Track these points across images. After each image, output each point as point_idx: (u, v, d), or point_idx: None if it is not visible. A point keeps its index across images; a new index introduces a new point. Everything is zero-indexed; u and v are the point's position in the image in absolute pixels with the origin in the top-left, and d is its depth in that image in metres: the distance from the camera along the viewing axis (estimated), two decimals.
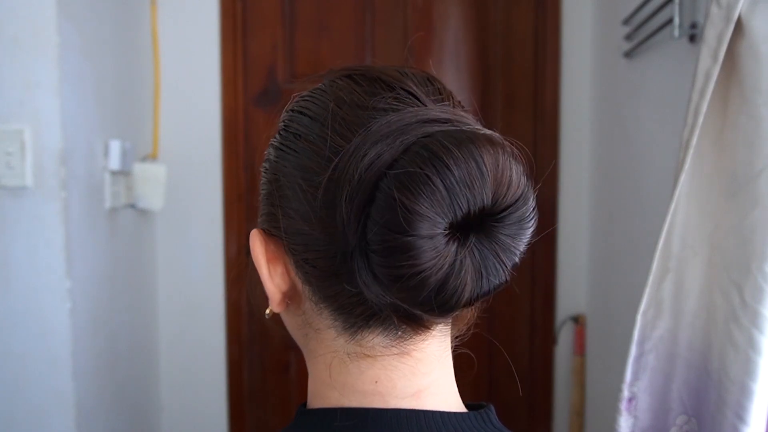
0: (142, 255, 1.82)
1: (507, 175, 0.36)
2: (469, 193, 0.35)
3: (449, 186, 0.35)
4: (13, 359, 1.34)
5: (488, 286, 0.38)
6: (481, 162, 0.35)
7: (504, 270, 0.38)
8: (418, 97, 0.40)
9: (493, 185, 0.36)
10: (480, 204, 0.36)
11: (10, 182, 1.30)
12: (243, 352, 1.94)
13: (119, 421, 1.63)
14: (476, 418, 0.43)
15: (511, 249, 0.38)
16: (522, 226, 0.38)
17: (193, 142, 1.88)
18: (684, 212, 0.84)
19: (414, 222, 0.34)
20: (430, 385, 0.43)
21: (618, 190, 1.58)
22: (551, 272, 1.89)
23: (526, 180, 0.38)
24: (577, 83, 1.85)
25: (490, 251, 0.37)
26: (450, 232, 0.36)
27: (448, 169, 0.35)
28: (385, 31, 1.88)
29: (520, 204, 0.38)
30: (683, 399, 0.86)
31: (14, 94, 1.29)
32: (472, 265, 0.37)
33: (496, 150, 0.36)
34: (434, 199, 0.35)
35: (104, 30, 1.56)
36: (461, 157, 0.35)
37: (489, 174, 0.36)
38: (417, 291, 0.36)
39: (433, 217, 0.35)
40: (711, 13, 0.77)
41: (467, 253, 0.36)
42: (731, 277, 0.76)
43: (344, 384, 0.43)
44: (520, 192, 0.37)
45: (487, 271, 0.37)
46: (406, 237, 0.35)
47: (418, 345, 0.42)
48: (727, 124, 0.79)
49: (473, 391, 1.91)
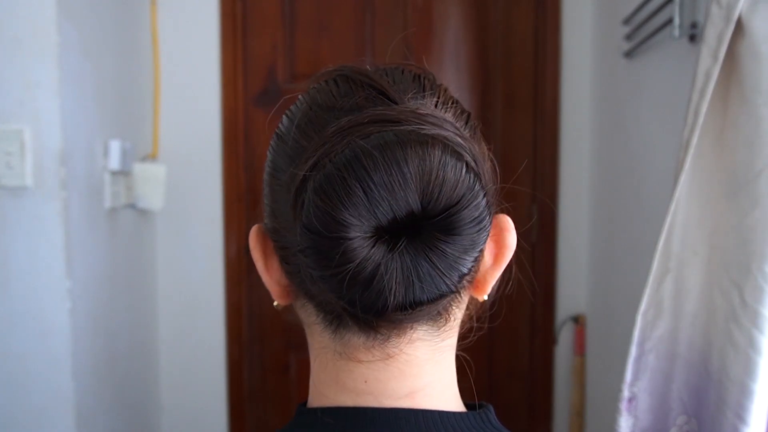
0: (142, 255, 1.82)
1: (438, 178, 0.35)
2: (390, 196, 0.35)
3: (367, 189, 0.34)
4: (13, 359, 1.34)
5: (424, 293, 0.36)
6: (404, 165, 0.34)
7: (443, 278, 0.36)
8: (389, 95, 0.40)
9: (418, 189, 0.35)
10: (406, 208, 0.35)
11: (10, 182, 1.30)
12: (243, 352, 1.94)
13: (119, 421, 1.63)
14: (475, 418, 0.43)
15: (450, 257, 0.36)
16: (464, 231, 0.36)
17: (193, 142, 1.88)
18: (684, 212, 0.84)
19: (330, 225, 0.35)
20: (424, 386, 0.42)
21: (618, 190, 1.58)
22: (551, 272, 1.89)
23: (470, 182, 0.36)
24: (577, 83, 1.85)
25: (423, 258, 0.36)
26: (377, 236, 0.35)
27: (366, 173, 0.34)
28: (385, 31, 1.88)
29: (456, 209, 0.36)
30: (683, 399, 0.86)
31: (14, 94, 1.29)
32: (400, 270, 0.36)
33: (427, 153, 0.35)
34: (350, 203, 0.34)
35: (104, 30, 1.56)
36: (382, 161, 0.35)
37: (413, 178, 0.35)
38: (342, 292, 0.36)
39: (349, 220, 0.35)
40: (711, 13, 0.77)
41: (396, 257, 0.36)
42: (731, 277, 0.76)
43: (337, 381, 0.43)
44: (455, 196, 0.35)
45: (419, 278, 0.36)
46: (324, 239, 0.35)
47: (403, 348, 0.42)
48: (727, 124, 0.79)
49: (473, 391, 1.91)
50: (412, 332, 0.42)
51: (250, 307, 1.94)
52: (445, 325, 0.43)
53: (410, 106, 0.38)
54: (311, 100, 0.42)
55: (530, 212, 1.88)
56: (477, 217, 0.36)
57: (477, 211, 0.36)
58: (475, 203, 0.36)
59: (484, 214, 0.37)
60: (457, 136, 0.37)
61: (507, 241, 0.43)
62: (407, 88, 0.41)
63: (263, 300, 1.94)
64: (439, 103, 0.41)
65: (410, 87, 0.41)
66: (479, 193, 0.36)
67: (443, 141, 0.36)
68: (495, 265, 0.44)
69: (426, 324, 0.42)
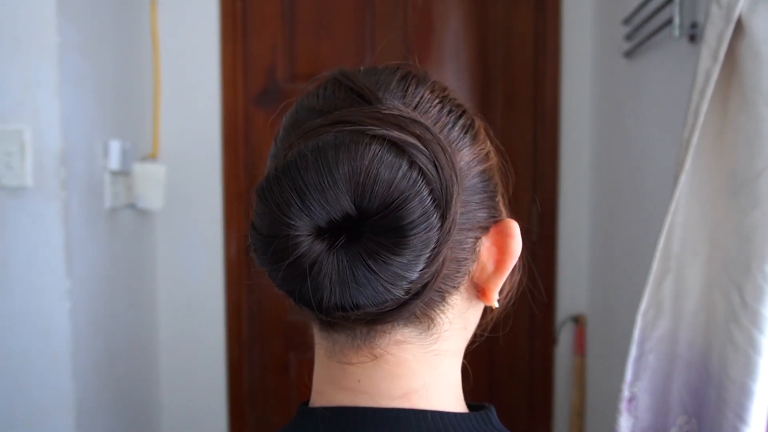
0: (142, 255, 1.82)
1: (369, 178, 0.35)
2: (321, 198, 0.35)
3: (300, 192, 0.35)
4: (13, 359, 1.34)
5: (362, 295, 0.36)
6: (335, 167, 0.35)
7: (382, 283, 0.36)
8: (365, 97, 0.40)
9: (349, 190, 0.35)
10: (340, 209, 0.35)
11: (10, 182, 1.30)
12: (243, 352, 1.94)
13: (119, 421, 1.63)
14: (477, 419, 0.43)
15: (388, 261, 0.35)
16: (402, 233, 0.35)
17: (193, 142, 1.88)
18: (684, 212, 0.84)
19: (269, 225, 0.36)
20: (420, 389, 0.42)
21: (618, 190, 1.58)
22: (551, 272, 1.89)
23: (409, 182, 0.35)
24: (577, 83, 1.85)
25: (359, 260, 0.35)
26: (317, 234, 0.36)
27: (299, 175, 0.35)
28: (385, 31, 1.88)
29: (390, 211, 0.35)
30: (683, 399, 0.86)
31: (14, 94, 1.29)
32: (336, 270, 0.35)
33: (360, 153, 0.35)
34: (285, 204, 0.35)
35: (104, 30, 1.56)
36: (314, 163, 0.35)
37: (342, 179, 0.35)
38: (286, 287, 0.37)
39: (284, 220, 0.35)
40: (711, 13, 0.77)
41: (333, 256, 0.36)
42: (731, 277, 0.76)
43: (333, 380, 0.43)
44: (391, 195, 0.35)
45: (355, 279, 0.35)
46: (265, 237, 0.37)
47: (389, 349, 0.42)
48: (727, 124, 0.79)
49: (473, 391, 1.91)
50: (391, 334, 0.41)
51: (250, 307, 1.94)
52: (431, 329, 0.42)
53: (379, 107, 0.38)
54: (299, 103, 0.44)
55: (530, 212, 1.87)
56: (417, 218, 0.35)
57: (416, 212, 0.35)
58: (413, 203, 0.35)
59: (429, 214, 0.35)
60: (414, 135, 0.36)
61: (510, 248, 0.42)
62: (389, 89, 0.41)
63: (263, 300, 1.94)
64: (422, 102, 0.41)
65: (394, 87, 0.41)
66: (422, 193, 0.35)
67: (383, 140, 0.35)
68: (497, 272, 0.43)
69: (407, 327, 0.41)
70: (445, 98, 0.43)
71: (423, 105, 0.41)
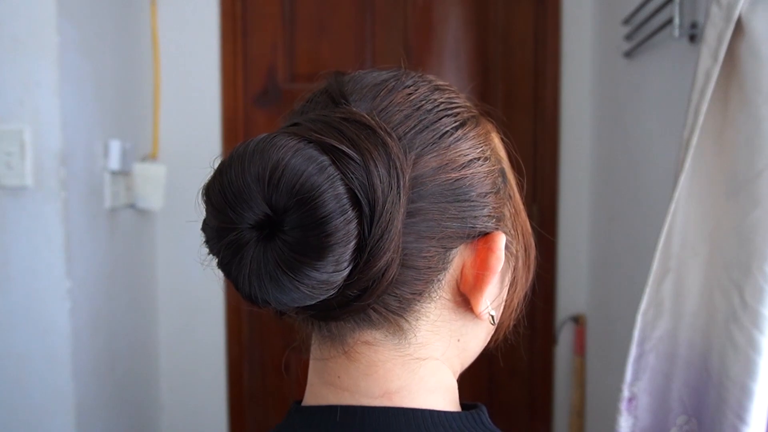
0: (142, 255, 1.82)
1: (276, 178, 0.35)
2: (239, 198, 0.36)
3: (222, 193, 0.37)
4: (13, 359, 1.34)
5: (278, 292, 0.36)
6: (248, 167, 0.36)
7: (291, 282, 0.36)
8: (335, 99, 0.41)
9: (261, 189, 0.36)
10: (258, 208, 0.36)
11: (10, 182, 1.30)
12: (243, 352, 1.94)
13: (119, 420, 1.63)
14: (467, 418, 0.43)
15: (296, 262, 0.35)
16: (306, 233, 0.35)
17: (193, 142, 1.88)
18: (684, 212, 0.84)
19: (207, 219, 0.40)
20: (400, 389, 0.42)
21: (618, 190, 1.58)
22: (551, 272, 1.88)
23: (317, 181, 0.35)
24: (577, 83, 1.85)
25: (272, 258, 0.36)
26: (255, 226, 0.37)
27: (222, 177, 0.38)
28: (385, 31, 1.88)
29: (294, 207, 0.35)
30: (683, 399, 0.86)
31: (14, 94, 1.29)
32: (255, 264, 0.37)
33: (270, 154, 0.36)
34: (213, 203, 0.38)
35: (104, 30, 1.56)
36: (233, 163, 0.37)
37: (254, 179, 0.36)
38: (223, 271, 0.40)
39: (215, 213, 0.38)
40: (711, 13, 0.77)
41: (253, 249, 0.37)
42: (731, 277, 0.76)
43: (320, 374, 0.44)
44: (295, 195, 0.35)
45: (268, 275, 0.36)
46: (206, 230, 0.40)
47: (361, 351, 0.42)
48: (727, 124, 0.79)
49: (474, 392, 1.91)
50: (358, 335, 0.42)
51: (250, 307, 1.94)
52: (400, 333, 0.42)
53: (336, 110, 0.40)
54: (295, 104, 0.46)
55: (530, 212, 1.87)
56: (326, 217, 0.35)
57: (325, 210, 0.35)
58: (322, 200, 0.35)
59: (345, 213, 0.35)
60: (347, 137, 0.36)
61: (488, 262, 0.42)
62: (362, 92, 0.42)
63: None
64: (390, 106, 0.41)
65: (368, 92, 0.42)
66: (334, 188, 0.35)
67: (302, 139, 0.36)
68: (476, 286, 0.42)
69: (374, 329, 0.42)
70: (427, 101, 0.42)
71: (389, 109, 0.41)
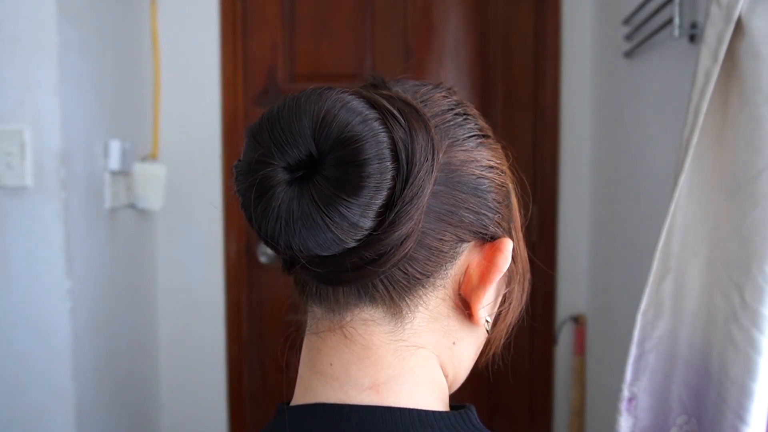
0: (142, 255, 1.82)
1: (328, 116, 0.37)
2: (289, 133, 0.37)
3: (271, 129, 0.38)
4: (13, 359, 1.34)
5: (306, 232, 0.37)
6: (304, 106, 0.38)
7: (323, 218, 0.36)
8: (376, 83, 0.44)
9: (311, 128, 0.37)
10: (304, 146, 0.37)
11: (10, 182, 1.30)
12: (243, 351, 1.94)
13: (119, 420, 1.63)
14: (455, 418, 0.43)
15: (335, 196, 0.36)
16: (345, 171, 0.36)
17: (193, 142, 1.88)
18: (684, 212, 0.84)
19: (247, 155, 0.39)
20: (388, 380, 0.42)
21: (618, 190, 1.58)
22: (551, 272, 1.89)
23: (369, 128, 0.37)
24: (577, 83, 1.85)
25: (307, 193, 0.37)
26: (286, 168, 0.38)
27: (275, 117, 0.39)
28: (385, 31, 1.88)
29: (339, 146, 0.37)
30: (683, 399, 0.86)
31: (14, 94, 1.29)
32: (286, 201, 0.37)
33: (323, 99, 0.38)
34: (258, 140, 0.39)
35: (104, 30, 1.56)
36: (288, 104, 0.39)
37: (308, 117, 0.37)
38: (247, 212, 0.39)
39: (260, 150, 0.38)
40: (711, 13, 0.77)
41: (286, 188, 0.37)
42: (731, 277, 0.76)
43: (311, 362, 0.44)
44: (346, 134, 0.36)
45: (301, 213, 0.37)
46: (239, 172, 0.40)
47: (358, 328, 0.42)
48: (727, 124, 0.79)
49: (474, 392, 1.91)
50: (359, 311, 0.42)
51: (250, 307, 1.94)
52: (398, 316, 0.43)
53: (384, 90, 0.42)
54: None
55: (530, 212, 1.87)
56: (370, 158, 0.36)
57: (370, 153, 0.36)
58: (368, 145, 0.36)
59: (384, 162, 0.37)
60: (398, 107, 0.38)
61: (496, 260, 0.43)
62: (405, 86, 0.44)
63: (263, 300, 1.94)
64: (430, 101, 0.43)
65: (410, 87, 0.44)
66: (379, 137, 0.37)
67: (357, 94, 0.38)
68: (480, 284, 0.43)
69: (374, 307, 0.42)
70: (459, 107, 0.45)
71: (429, 102, 0.43)
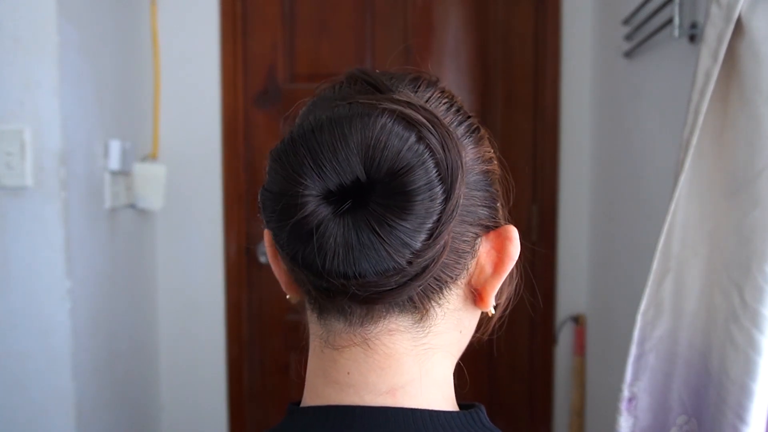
0: (142, 255, 1.82)
1: (380, 143, 0.36)
2: (334, 159, 0.36)
3: (314, 153, 0.36)
4: (14, 359, 1.34)
5: (367, 262, 0.36)
6: (348, 131, 0.36)
7: (385, 247, 0.36)
8: (380, 88, 0.42)
9: (360, 153, 0.36)
10: (350, 172, 0.36)
11: (10, 182, 1.30)
12: (243, 351, 1.94)
13: (119, 420, 1.63)
14: (466, 418, 0.43)
15: (393, 224, 0.36)
16: (408, 198, 0.36)
17: (193, 142, 1.88)
18: (684, 212, 0.84)
19: (280, 183, 0.38)
20: (405, 384, 0.42)
21: (618, 190, 1.58)
22: (551, 272, 1.89)
23: (418, 149, 0.36)
24: (577, 83, 1.85)
25: (364, 223, 0.36)
26: (327, 197, 0.37)
27: (314, 138, 0.37)
28: (385, 31, 1.88)
29: (399, 174, 0.36)
30: (683, 399, 0.86)
31: (14, 94, 1.29)
32: (342, 232, 0.36)
33: (372, 121, 0.36)
34: (298, 164, 0.37)
35: (104, 30, 1.56)
36: (328, 128, 0.37)
37: (355, 142, 0.36)
38: (290, 248, 0.38)
39: (296, 179, 0.37)
40: (711, 13, 0.77)
41: (338, 218, 0.36)
42: (731, 277, 0.76)
43: (324, 372, 0.44)
44: (399, 163, 0.36)
45: (360, 243, 0.36)
46: (275, 195, 0.38)
47: (381, 338, 0.42)
48: (727, 124, 0.79)
49: (474, 392, 1.91)
50: (386, 321, 0.42)
51: (250, 307, 1.94)
52: (424, 320, 0.42)
53: (392, 95, 0.40)
54: (315, 96, 0.45)
55: (530, 212, 1.88)
56: (423, 185, 0.36)
57: (421, 179, 0.36)
58: (419, 172, 0.36)
59: (433, 185, 0.36)
60: (425, 117, 0.38)
61: (508, 250, 0.43)
62: (402, 84, 0.43)
63: (263, 300, 1.94)
64: (432, 99, 0.43)
65: (407, 84, 0.44)
66: (427, 163, 0.36)
67: (394, 113, 0.37)
68: (495, 274, 0.44)
69: (403, 315, 0.42)
70: (452, 101, 0.45)
71: (432, 101, 0.43)
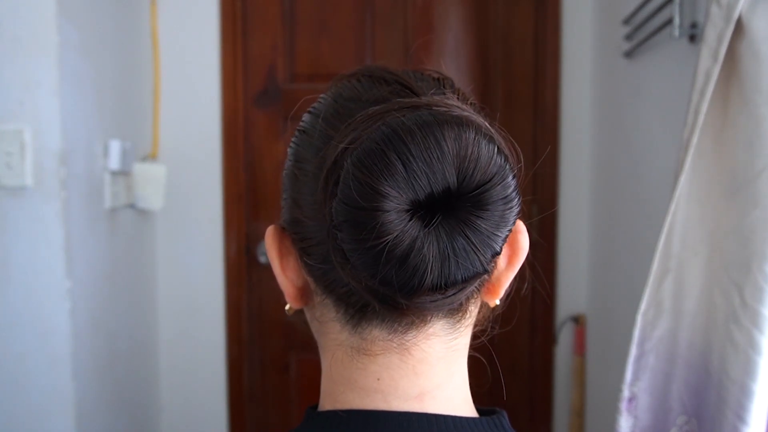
0: (142, 255, 1.82)
1: (473, 154, 0.35)
2: (428, 169, 0.35)
3: (405, 161, 0.35)
4: (13, 359, 1.34)
5: (460, 270, 0.36)
6: (442, 140, 0.35)
7: (478, 255, 0.36)
8: (413, 89, 0.41)
9: (455, 164, 0.35)
10: (443, 182, 0.35)
11: (10, 182, 1.30)
12: (243, 352, 1.94)
13: (119, 421, 1.63)
14: (489, 424, 0.43)
15: (485, 232, 0.36)
16: (497, 207, 0.36)
17: (193, 142, 1.88)
18: (684, 212, 0.84)
19: (367, 195, 0.35)
20: (433, 388, 0.42)
21: (618, 190, 1.58)
22: (551, 272, 1.89)
23: (501, 161, 0.36)
24: (577, 83, 1.85)
25: (459, 233, 0.36)
26: (414, 210, 0.35)
27: (404, 145, 0.35)
28: (385, 31, 1.88)
29: (491, 185, 0.36)
30: (683, 399, 0.86)
31: (14, 94, 1.29)
32: (436, 246, 0.35)
33: (463, 130, 0.36)
34: (389, 174, 0.35)
35: (104, 30, 1.56)
36: (420, 135, 0.35)
37: (450, 152, 0.35)
38: (377, 269, 0.36)
39: (387, 191, 0.35)
40: (711, 13, 0.77)
41: (431, 232, 0.36)
42: (731, 277, 0.76)
43: (349, 379, 0.43)
44: (490, 172, 0.36)
45: (455, 253, 0.36)
46: (361, 210, 0.35)
47: (420, 343, 0.42)
48: (727, 124, 0.79)
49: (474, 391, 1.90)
50: (430, 326, 0.42)
51: (250, 307, 1.94)
52: (461, 321, 0.43)
53: (435, 98, 0.39)
54: (336, 95, 0.44)
55: (530, 212, 1.87)
56: (508, 195, 0.37)
57: (507, 189, 0.37)
58: (505, 182, 0.37)
59: (513, 193, 0.37)
60: (489, 126, 0.38)
61: (521, 243, 0.44)
62: (429, 86, 0.43)
63: (263, 300, 1.94)
64: (459, 100, 0.42)
65: (432, 85, 0.43)
66: (509, 172, 0.37)
67: (475, 122, 0.37)
68: (509, 267, 0.44)
69: (443, 318, 0.42)
70: (471, 100, 0.45)
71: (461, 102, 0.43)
